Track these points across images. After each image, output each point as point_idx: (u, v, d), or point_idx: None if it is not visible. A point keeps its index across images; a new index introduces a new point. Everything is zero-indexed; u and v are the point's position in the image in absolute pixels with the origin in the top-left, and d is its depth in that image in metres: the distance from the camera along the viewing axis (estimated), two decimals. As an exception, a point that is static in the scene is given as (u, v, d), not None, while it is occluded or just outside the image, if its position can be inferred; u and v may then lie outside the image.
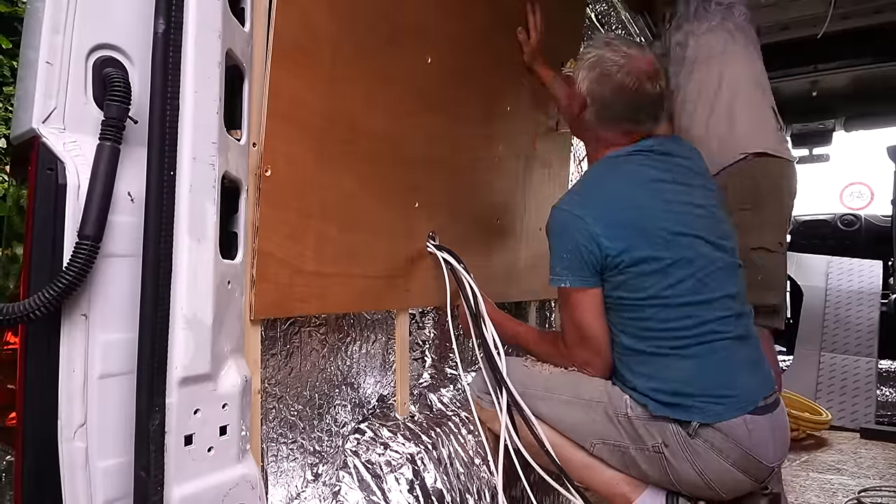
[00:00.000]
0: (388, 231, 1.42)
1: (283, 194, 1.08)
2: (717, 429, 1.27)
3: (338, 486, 1.25)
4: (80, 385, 0.75)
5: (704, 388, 1.28)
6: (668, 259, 1.32)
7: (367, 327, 1.50)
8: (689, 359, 1.30)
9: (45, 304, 0.70)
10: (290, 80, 1.08)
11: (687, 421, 1.28)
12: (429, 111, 1.53)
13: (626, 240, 1.32)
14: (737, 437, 1.26)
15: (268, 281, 1.05)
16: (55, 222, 0.74)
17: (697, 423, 1.27)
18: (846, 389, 3.59)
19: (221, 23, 0.87)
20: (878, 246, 4.52)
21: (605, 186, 1.42)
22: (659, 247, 1.32)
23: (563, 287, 1.39)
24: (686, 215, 1.38)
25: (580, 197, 1.42)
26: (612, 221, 1.34)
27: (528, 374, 1.48)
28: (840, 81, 3.78)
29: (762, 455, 1.28)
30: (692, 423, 1.27)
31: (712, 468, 1.28)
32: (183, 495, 0.80)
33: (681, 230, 1.35)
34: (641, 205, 1.36)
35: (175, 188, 0.80)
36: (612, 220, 1.34)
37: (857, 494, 2.34)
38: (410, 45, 1.43)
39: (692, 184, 1.45)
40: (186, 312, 0.81)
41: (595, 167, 1.50)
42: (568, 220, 1.37)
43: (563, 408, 1.41)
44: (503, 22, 1.86)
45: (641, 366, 1.35)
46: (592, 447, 1.40)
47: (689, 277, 1.32)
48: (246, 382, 0.94)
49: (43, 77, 0.75)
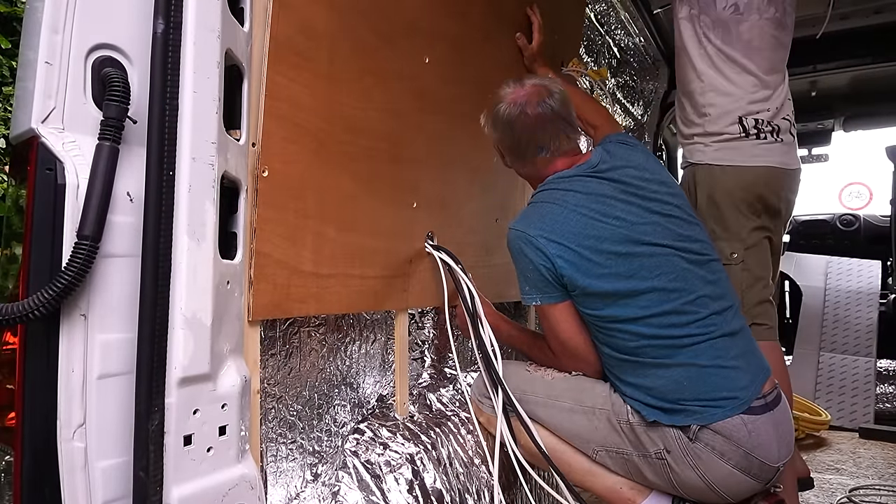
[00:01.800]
0: (386, 231, 1.42)
1: (281, 195, 1.08)
2: (716, 431, 1.26)
3: (337, 486, 1.25)
4: (79, 385, 0.75)
5: (698, 393, 1.28)
6: (626, 273, 1.31)
7: (367, 327, 1.50)
8: (673, 367, 1.30)
9: (45, 304, 0.70)
10: (287, 81, 1.08)
11: (686, 425, 1.27)
12: (427, 111, 1.53)
13: (580, 261, 1.32)
14: (738, 438, 1.25)
15: (266, 282, 1.05)
16: (54, 222, 0.74)
17: (697, 427, 1.26)
18: (845, 389, 3.60)
19: (220, 23, 0.87)
20: (877, 246, 4.53)
21: (555, 207, 1.39)
22: (617, 263, 1.32)
23: (535, 304, 1.40)
24: (642, 226, 1.36)
25: (533, 218, 1.41)
26: (564, 241, 1.33)
27: (530, 379, 1.48)
28: (839, 81, 3.79)
29: (765, 455, 1.27)
30: (691, 426, 1.26)
31: (715, 472, 1.27)
32: (182, 495, 0.80)
33: (638, 240, 1.34)
34: (594, 223, 1.35)
35: (174, 188, 0.80)
36: (564, 241, 1.34)
37: (848, 493, 2.34)
38: (408, 44, 1.43)
39: (646, 192, 1.41)
40: (186, 312, 0.81)
41: (544, 189, 1.47)
42: (523, 241, 1.37)
43: (565, 415, 1.41)
44: (501, 21, 1.86)
45: (629, 375, 1.35)
46: (595, 454, 1.39)
47: (652, 290, 1.31)
48: (245, 382, 0.94)
49: (42, 77, 0.75)
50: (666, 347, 1.30)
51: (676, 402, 1.28)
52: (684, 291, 1.32)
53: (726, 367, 1.30)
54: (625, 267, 1.32)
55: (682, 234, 1.39)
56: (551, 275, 1.35)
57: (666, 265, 1.33)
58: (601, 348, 1.39)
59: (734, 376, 1.30)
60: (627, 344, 1.32)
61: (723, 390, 1.28)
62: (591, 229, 1.34)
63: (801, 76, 3.50)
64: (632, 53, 3.38)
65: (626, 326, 1.32)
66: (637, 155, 1.50)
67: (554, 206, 1.40)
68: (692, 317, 1.31)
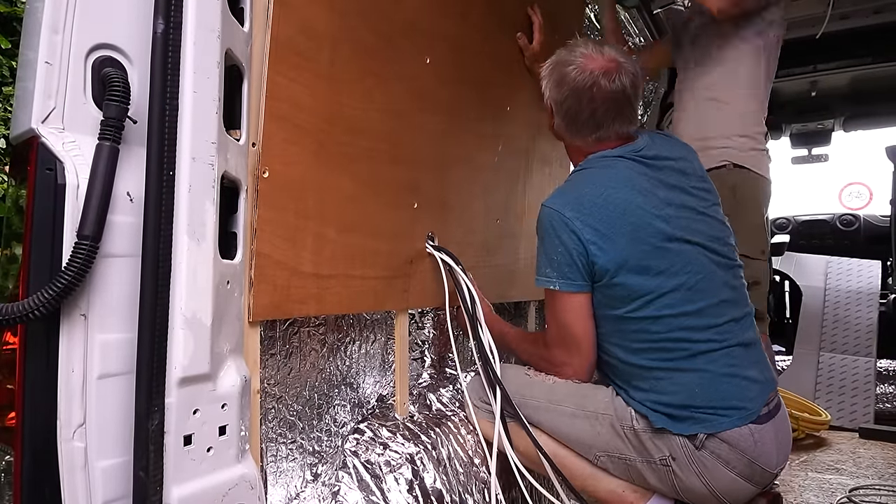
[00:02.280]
0: (386, 232, 1.42)
1: (281, 196, 1.08)
2: (723, 439, 1.24)
3: (337, 486, 1.25)
4: (79, 385, 0.75)
5: (708, 401, 1.26)
6: (657, 268, 1.29)
7: (367, 327, 1.50)
8: (687, 372, 1.28)
9: (45, 304, 0.70)
10: (288, 81, 1.07)
11: (693, 434, 1.25)
12: (428, 111, 1.53)
13: (614, 250, 1.29)
14: (744, 447, 1.24)
15: (266, 283, 1.05)
16: (54, 222, 0.74)
17: (704, 435, 1.25)
18: (845, 389, 3.60)
19: (220, 23, 0.87)
20: (877, 246, 4.53)
21: (594, 190, 1.35)
22: (649, 256, 1.29)
23: (551, 289, 1.36)
24: (678, 219, 1.33)
25: (570, 197, 1.37)
26: (601, 228, 1.30)
27: (529, 383, 1.46)
28: (839, 81, 3.79)
29: (767, 463, 1.27)
30: (698, 434, 1.25)
31: (720, 480, 1.26)
32: (182, 495, 0.80)
33: (672, 235, 1.31)
34: (631, 211, 1.31)
35: (174, 188, 0.80)
36: (601, 227, 1.30)
37: (848, 493, 2.34)
38: (409, 45, 1.43)
39: (685, 186, 1.40)
40: (186, 312, 0.81)
41: (583, 168, 1.44)
42: (557, 221, 1.33)
43: (566, 419, 1.39)
44: (502, 21, 1.86)
45: (639, 380, 1.32)
46: (597, 459, 1.38)
47: (679, 287, 1.28)
48: (245, 382, 0.94)
49: (42, 77, 0.75)
50: (682, 351, 1.28)
51: (686, 408, 1.26)
52: (707, 293, 1.30)
53: (739, 377, 1.28)
54: (657, 261, 1.29)
55: (714, 235, 1.37)
56: (581, 260, 1.30)
57: (695, 264, 1.31)
58: (614, 352, 1.35)
59: (746, 386, 1.28)
60: (643, 346, 1.30)
61: (733, 399, 1.26)
62: (630, 216, 1.31)
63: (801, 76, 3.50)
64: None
65: (645, 326, 1.29)
66: (678, 149, 1.49)
67: (594, 188, 1.35)
68: (711, 321, 1.29)
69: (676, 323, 1.28)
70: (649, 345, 1.30)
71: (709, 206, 1.42)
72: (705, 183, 1.46)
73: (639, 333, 1.30)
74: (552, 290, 1.36)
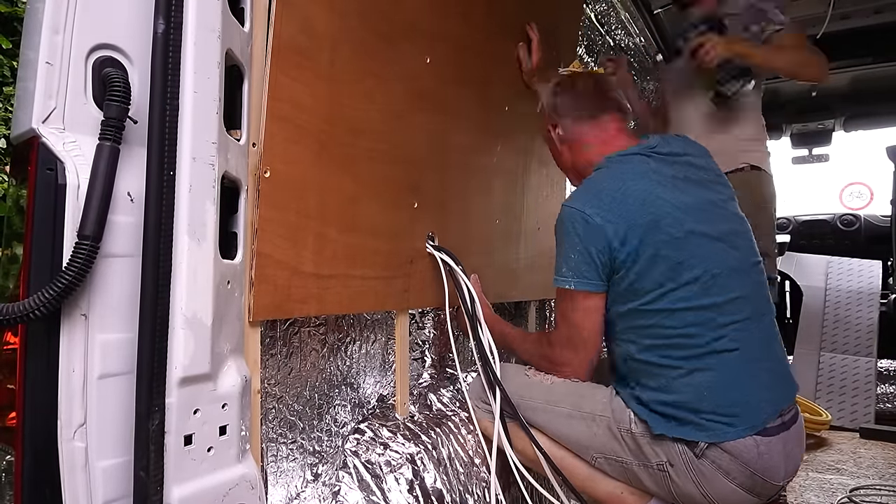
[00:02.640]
0: (387, 232, 1.42)
1: (282, 195, 1.08)
2: (725, 449, 1.22)
3: (337, 486, 1.25)
4: (79, 385, 0.75)
5: (716, 406, 1.23)
6: (674, 259, 1.27)
7: (367, 327, 1.50)
8: (701, 372, 1.25)
9: (45, 304, 0.70)
10: (288, 81, 1.07)
11: (694, 441, 1.23)
12: (428, 111, 1.53)
13: (634, 239, 1.28)
14: (746, 459, 1.21)
15: (266, 283, 1.05)
16: (55, 222, 0.74)
17: (705, 444, 1.22)
18: (846, 389, 3.60)
19: (221, 23, 0.87)
20: (878, 246, 4.53)
21: (613, 184, 1.35)
22: (667, 246, 1.28)
23: (566, 288, 1.36)
24: (697, 212, 1.32)
25: (590, 195, 1.36)
26: (621, 220, 1.29)
27: (528, 384, 1.46)
28: (840, 81, 3.79)
29: (771, 476, 1.24)
30: (699, 442, 1.23)
31: (718, 490, 1.23)
32: (182, 495, 0.80)
33: (691, 227, 1.30)
34: (651, 201, 1.31)
35: (175, 188, 0.80)
36: (621, 219, 1.29)
37: (849, 493, 2.34)
38: (410, 45, 1.43)
39: (702, 180, 1.40)
40: (186, 312, 0.81)
41: (600, 167, 1.44)
42: (578, 219, 1.32)
43: (564, 420, 1.39)
44: (503, 22, 1.86)
45: (650, 378, 1.30)
46: (594, 461, 1.37)
47: (695, 280, 1.27)
48: (246, 382, 0.94)
49: (43, 77, 0.75)
50: (695, 349, 1.26)
51: (691, 411, 1.24)
52: (725, 289, 1.28)
53: (751, 384, 1.26)
54: (675, 251, 1.28)
55: (733, 230, 1.37)
56: (600, 258, 1.30)
57: (713, 257, 1.30)
58: (627, 349, 1.34)
59: (757, 394, 1.25)
60: (656, 342, 1.29)
61: (739, 406, 1.23)
62: (650, 206, 1.30)
63: (801, 76, 3.49)
64: (632, 53, 3.38)
65: (659, 320, 1.28)
66: (692, 147, 1.49)
67: (612, 183, 1.35)
68: (727, 318, 1.27)
69: (691, 318, 1.26)
70: (663, 341, 1.28)
71: (726, 200, 1.42)
72: (721, 178, 1.46)
73: (653, 329, 1.29)
74: (567, 290, 1.36)
